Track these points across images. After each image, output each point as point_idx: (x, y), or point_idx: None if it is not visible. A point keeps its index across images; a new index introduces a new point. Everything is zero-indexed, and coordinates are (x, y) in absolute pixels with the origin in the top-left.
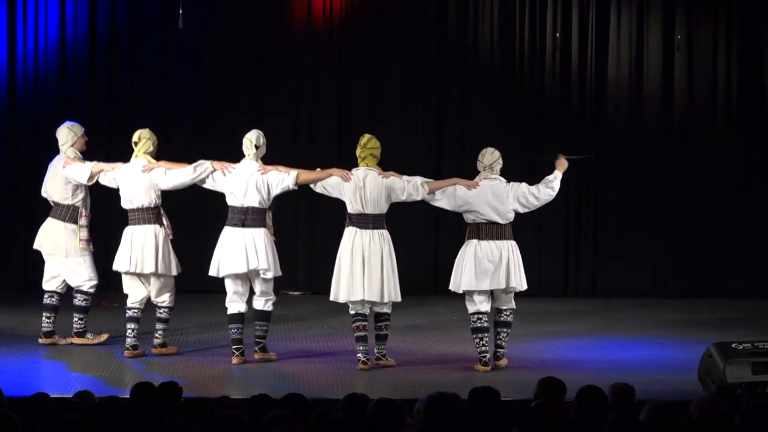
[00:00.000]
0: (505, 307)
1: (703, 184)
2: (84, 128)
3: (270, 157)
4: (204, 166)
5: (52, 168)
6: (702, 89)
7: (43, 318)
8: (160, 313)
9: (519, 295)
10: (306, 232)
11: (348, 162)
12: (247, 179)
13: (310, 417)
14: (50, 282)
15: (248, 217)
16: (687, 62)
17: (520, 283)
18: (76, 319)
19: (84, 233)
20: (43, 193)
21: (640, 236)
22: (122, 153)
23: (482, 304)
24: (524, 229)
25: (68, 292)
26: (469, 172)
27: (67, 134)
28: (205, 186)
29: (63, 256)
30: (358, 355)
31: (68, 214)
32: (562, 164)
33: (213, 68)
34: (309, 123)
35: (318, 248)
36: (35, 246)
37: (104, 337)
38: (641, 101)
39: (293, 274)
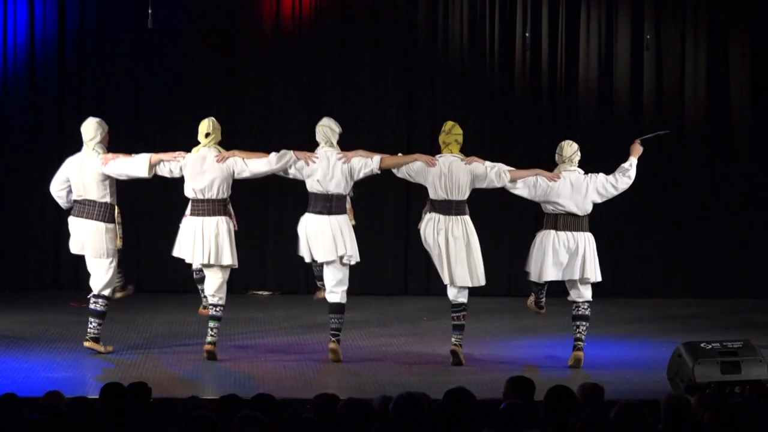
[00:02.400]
0: (581, 300)
1: (671, 182)
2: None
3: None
4: (288, 156)
5: (81, 166)
6: (670, 88)
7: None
8: (215, 311)
9: (490, 294)
10: (275, 233)
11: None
12: (332, 166)
13: (279, 417)
14: None
15: (333, 204)
16: (656, 61)
17: (594, 274)
18: (95, 324)
19: (120, 230)
20: (76, 196)
21: (607, 234)
22: None
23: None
24: (493, 227)
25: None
26: None
27: (96, 129)
28: (288, 175)
29: (101, 257)
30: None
31: (106, 213)
32: (637, 150)
33: (182, 67)
34: (279, 121)
35: (286, 249)
36: (75, 251)
37: (111, 348)
38: (611, 100)
39: (262, 275)
